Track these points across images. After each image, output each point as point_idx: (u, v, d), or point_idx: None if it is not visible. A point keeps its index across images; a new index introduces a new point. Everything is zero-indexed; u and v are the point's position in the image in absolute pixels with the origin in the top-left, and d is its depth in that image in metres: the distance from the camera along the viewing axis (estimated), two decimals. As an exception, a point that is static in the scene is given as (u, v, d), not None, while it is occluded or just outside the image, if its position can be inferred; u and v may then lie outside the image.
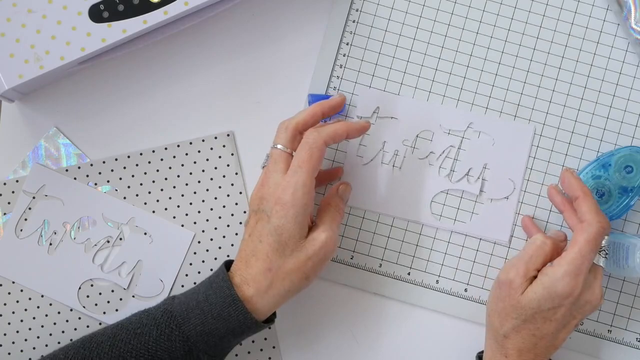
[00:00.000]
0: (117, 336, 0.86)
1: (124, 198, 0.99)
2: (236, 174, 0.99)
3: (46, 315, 0.98)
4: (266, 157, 0.90)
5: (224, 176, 0.99)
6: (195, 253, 0.99)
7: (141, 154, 0.99)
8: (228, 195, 0.99)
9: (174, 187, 0.99)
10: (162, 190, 0.99)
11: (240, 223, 0.99)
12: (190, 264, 0.99)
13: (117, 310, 0.98)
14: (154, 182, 0.99)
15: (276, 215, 0.84)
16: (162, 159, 0.99)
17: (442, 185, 0.99)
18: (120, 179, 0.99)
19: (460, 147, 0.98)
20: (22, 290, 0.98)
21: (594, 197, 0.89)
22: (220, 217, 0.99)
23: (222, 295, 0.84)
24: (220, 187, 0.99)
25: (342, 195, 0.94)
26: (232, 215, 0.99)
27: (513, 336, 0.87)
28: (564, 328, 0.87)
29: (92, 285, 0.98)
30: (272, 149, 0.88)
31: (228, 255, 0.99)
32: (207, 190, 0.99)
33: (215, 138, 0.99)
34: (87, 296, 0.98)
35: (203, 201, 0.99)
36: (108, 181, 0.99)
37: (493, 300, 0.89)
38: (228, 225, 0.99)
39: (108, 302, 0.98)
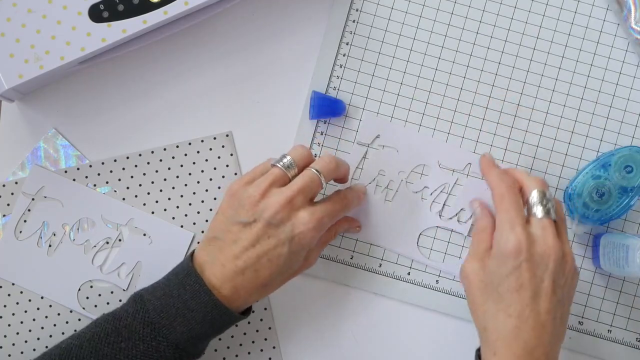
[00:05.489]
0: (100, 351, 0.83)
1: (123, 199, 0.99)
2: (235, 174, 0.99)
3: (46, 317, 0.98)
4: (281, 157, 0.88)
5: (223, 177, 0.99)
6: (194, 254, 0.99)
7: (140, 155, 0.99)
8: (227, 196, 0.99)
9: (173, 187, 0.99)
10: (161, 191, 0.99)
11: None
12: (190, 265, 0.98)
13: (116, 311, 0.98)
14: (152, 183, 0.99)
15: (297, 244, 0.84)
16: (161, 160, 0.99)
17: (432, 221, 0.98)
18: (119, 180, 0.99)
19: (454, 186, 0.98)
20: (21, 292, 0.98)
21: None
22: (219, 218, 0.99)
23: (202, 301, 0.83)
24: (219, 188, 0.99)
25: (348, 231, 0.98)
26: (232, 215, 0.99)
27: (491, 324, 0.84)
28: (537, 297, 0.83)
29: (91, 287, 0.98)
30: (311, 172, 0.87)
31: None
32: (206, 190, 0.99)
33: (214, 138, 0.99)
34: (87, 297, 0.98)
35: (202, 202, 0.99)
36: (107, 182, 0.99)
37: (468, 301, 0.88)
38: (227, 226, 0.99)
39: (107, 303, 0.98)
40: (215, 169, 0.99)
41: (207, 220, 0.99)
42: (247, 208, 0.84)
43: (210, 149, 0.99)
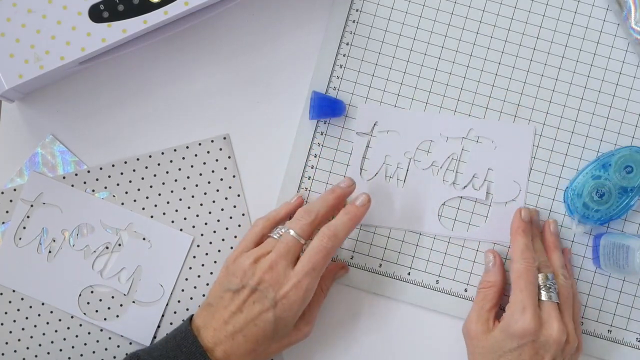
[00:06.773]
0: None
1: (122, 204, 0.98)
2: (233, 176, 0.99)
3: (47, 323, 0.97)
4: (279, 228, 0.91)
5: (221, 179, 0.99)
6: (194, 257, 0.98)
7: (138, 159, 0.98)
8: (226, 198, 0.98)
9: (172, 191, 0.98)
10: (159, 194, 0.98)
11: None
12: (190, 268, 0.98)
13: (117, 316, 0.97)
14: (151, 187, 0.98)
15: (281, 309, 0.87)
16: (159, 164, 0.98)
17: (448, 193, 0.98)
18: (118, 184, 0.98)
19: (462, 153, 0.98)
20: (22, 299, 0.97)
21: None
22: (218, 220, 0.98)
23: None
24: (217, 191, 0.99)
25: (338, 278, 0.98)
26: (231, 218, 0.98)
27: None
28: None
29: (92, 292, 0.97)
30: (288, 234, 0.89)
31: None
32: (205, 193, 0.98)
33: (212, 141, 0.99)
34: (88, 303, 0.97)
35: (201, 205, 0.98)
36: (105, 187, 0.98)
37: (468, 356, 0.93)
38: (227, 228, 0.98)
39: (108, 308, 0.97)
40: (213, 171, 0.99)
41: (206, 224, 0.98)
42: (237, 276, 0.88)
43: (208, 152, 0.99)
